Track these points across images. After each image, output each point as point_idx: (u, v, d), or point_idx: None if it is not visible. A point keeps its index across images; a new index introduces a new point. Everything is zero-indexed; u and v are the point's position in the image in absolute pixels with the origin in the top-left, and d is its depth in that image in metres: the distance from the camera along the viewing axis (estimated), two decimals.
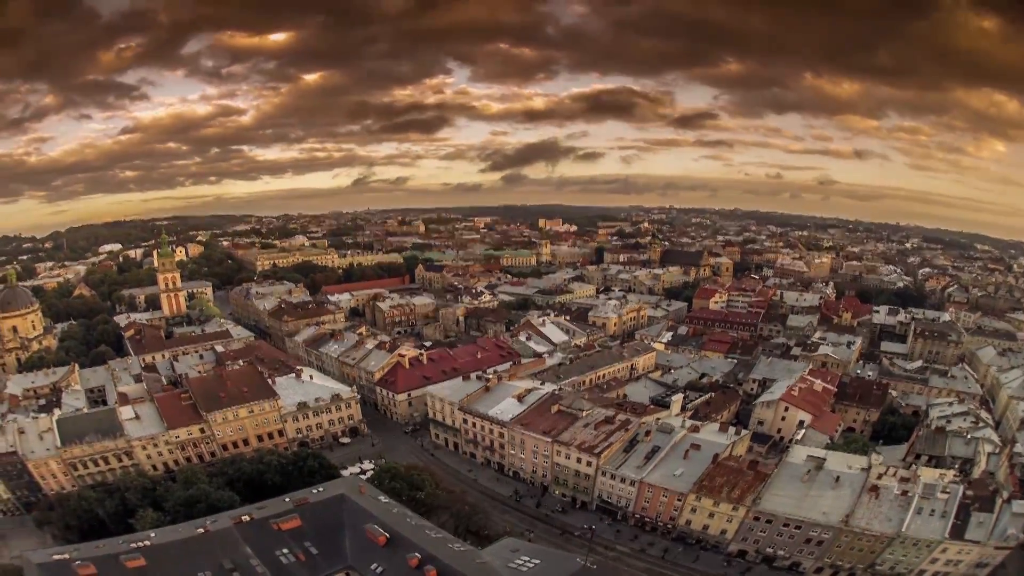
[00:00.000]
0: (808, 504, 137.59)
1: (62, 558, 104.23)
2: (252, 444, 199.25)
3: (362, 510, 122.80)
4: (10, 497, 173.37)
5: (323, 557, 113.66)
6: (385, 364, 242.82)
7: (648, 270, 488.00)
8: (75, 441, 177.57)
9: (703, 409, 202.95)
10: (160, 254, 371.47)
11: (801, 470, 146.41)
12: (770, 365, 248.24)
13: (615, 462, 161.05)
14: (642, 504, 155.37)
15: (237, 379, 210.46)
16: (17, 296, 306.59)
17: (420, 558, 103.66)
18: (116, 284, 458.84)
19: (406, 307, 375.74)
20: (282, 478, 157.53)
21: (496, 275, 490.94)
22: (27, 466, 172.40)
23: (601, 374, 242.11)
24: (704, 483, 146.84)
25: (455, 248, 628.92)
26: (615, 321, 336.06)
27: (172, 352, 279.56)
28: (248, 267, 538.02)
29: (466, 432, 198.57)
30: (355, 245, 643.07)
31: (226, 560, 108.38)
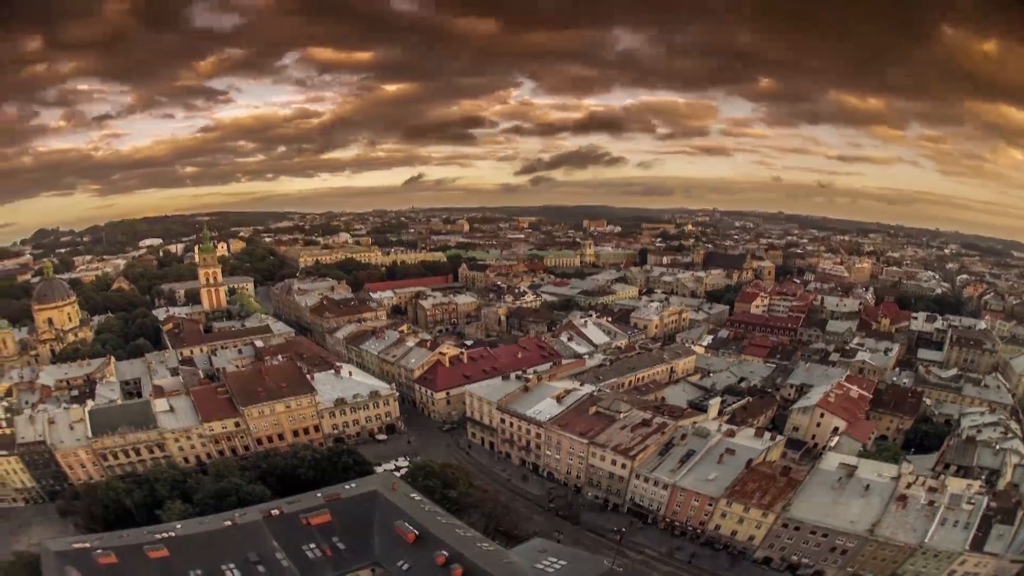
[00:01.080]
0: (836, 512, 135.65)
1: (82, 547, 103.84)
2: (287, 439, 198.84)
3: (393, 507, 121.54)
4: (34, 486, 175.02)
5: (350, 553, 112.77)
6: (425, 362, 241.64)
7: (691, 273, 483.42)
8: (107, 432, 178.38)
9: (740, 414, 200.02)
10: (201, 249, 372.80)
11: (832, 477, 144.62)
12: (808, 370, 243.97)
13: (649, 465, 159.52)
14: (673, 508, 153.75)
15: (275, 374, 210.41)
16: (53, 288, 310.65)
17: (447, 556, 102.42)
18: (156, 278, 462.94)
19: (448, 305, 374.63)
20: (316, 473, 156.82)
21: (539, 275, 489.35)
22: (55, 455, 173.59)
23: (641, 376, 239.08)
24: (736, 488, 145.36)
25: (499, 247, 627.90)
26: (656, 323, 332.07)
27: (210, 346, 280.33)
28: (291, 264, 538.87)
29: (503, 432, 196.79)
30: (399, 243, 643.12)
31: (251, 553, 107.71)
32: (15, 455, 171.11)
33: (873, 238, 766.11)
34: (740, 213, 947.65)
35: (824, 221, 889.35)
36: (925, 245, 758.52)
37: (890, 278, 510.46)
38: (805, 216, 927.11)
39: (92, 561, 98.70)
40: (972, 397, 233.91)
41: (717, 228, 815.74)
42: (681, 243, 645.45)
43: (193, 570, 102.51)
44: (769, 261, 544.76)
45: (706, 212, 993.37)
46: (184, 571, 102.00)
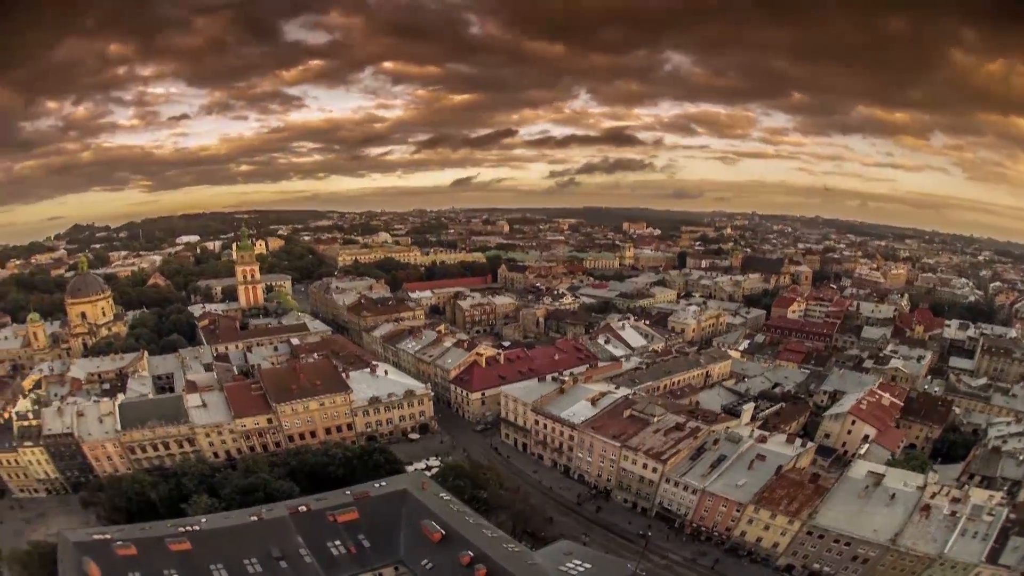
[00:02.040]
0: (861, 521, 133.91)
1: (102, 538, 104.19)
2: (319, 436, 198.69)
3: (422, 506, 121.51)
4: (57, 477, 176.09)
5: (375, 551, 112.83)
6: (462, 362, 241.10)
7: (729, 276, 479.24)
8: (136, 426, 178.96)
9: (772, 420, 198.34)
10: (239, 247, 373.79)
11: (860, 485, 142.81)
12: (842, 377, 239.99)
13: (680, 469, 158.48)
14: (701, 513, 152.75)
15: (310, 372, 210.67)
16: (88, 283, 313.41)
17: (472, 556, 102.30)
18: (192, 275, 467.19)
19: (487, 306, 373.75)
20: (346, 471, 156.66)
21: (578, 277, 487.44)
22: (82, 448, 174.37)
23: (676, 380, 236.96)
24: (764, 495, 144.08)
25: (539, 249, 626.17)
26: (694, 327, 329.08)
27: (246, 343, 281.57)
28: (329, 262, 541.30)
29: (536, 433, 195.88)
30: (439, 243, 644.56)
31: (275, 549, 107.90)
32: (40, 446, 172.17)
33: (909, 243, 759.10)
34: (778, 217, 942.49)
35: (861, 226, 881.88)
36: (959, 251, 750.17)
37: (925, 284, 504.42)
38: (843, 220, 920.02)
39: (111, 552, 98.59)
40: (1000, 407, 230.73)
41: (756, 232, 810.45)
42: (720, 247, 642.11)
43: (214, 564, 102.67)
44: (806, 266, 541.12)
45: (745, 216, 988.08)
46: (205, 565, 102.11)
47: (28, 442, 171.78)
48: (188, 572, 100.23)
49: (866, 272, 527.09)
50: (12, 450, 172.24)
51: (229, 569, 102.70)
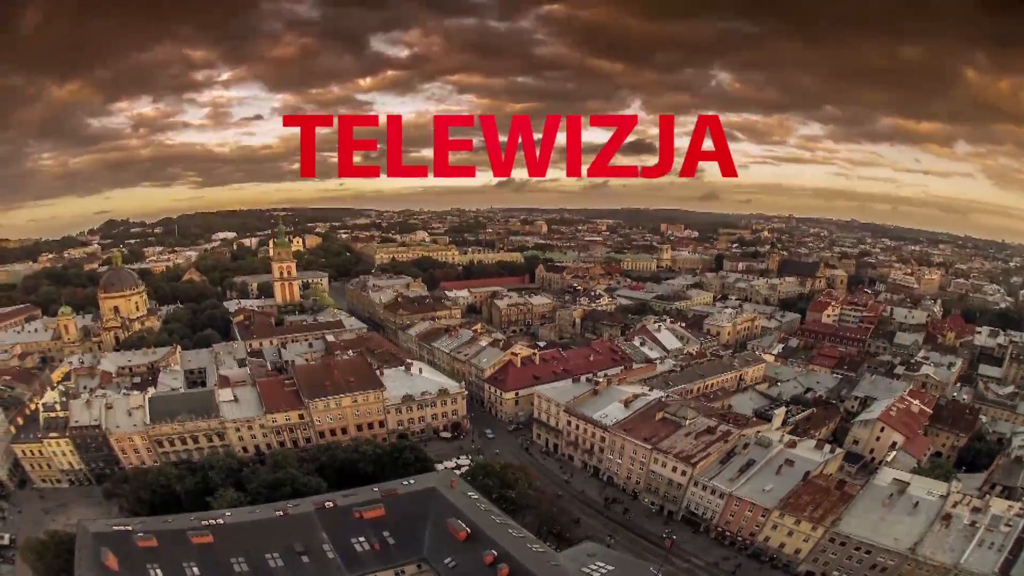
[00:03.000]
0: (883, 529, 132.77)
1: (123, 529, 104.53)
2: (351, 433, 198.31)
3: (449, 504, 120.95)
4: (82, 468, 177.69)
5: (398, 548, 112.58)
6: (497, 362, 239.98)
7: (765, 279, 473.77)
8: (165, 419, 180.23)
9: (803, 425, 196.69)
10: (276, 243, 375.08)
11: (884, 493, 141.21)
12: (873, 383, 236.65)
13: (709, 473, 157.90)
14: (727, 517, 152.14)
15: (344, 369, 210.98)
16: (121, 277, 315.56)
17: (495, 555, 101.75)
18: (228, 271, 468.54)
19: (524, 306, 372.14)
20: (375, 468, 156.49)
21: (616, 278, 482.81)
22: (108, 440, 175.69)
23: (709, 383, 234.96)
24: (790, 500, 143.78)
25: (577, 249, 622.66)
26: (729, 330, 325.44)
27: (281, 339, 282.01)
28: (366, 260, 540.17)
29: (568, 434, 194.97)
30: (476, 242, 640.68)
31: (298, 544, 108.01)
32: (66, 438, 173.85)
33: (942, 249, 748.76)
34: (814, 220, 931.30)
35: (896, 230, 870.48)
36: (991, 257, 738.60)
37: (957, 290, 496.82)
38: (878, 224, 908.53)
39: (131, 544, 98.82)
40: None
41: (792, 235, 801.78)
42: (757, 249, 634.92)
43: (236, 558, 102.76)
44: (842, 270, 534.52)
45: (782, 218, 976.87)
46: (226, 558, 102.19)
47: (54, 433, 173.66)
48: (208, 565, 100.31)
49: (900, 277, 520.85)
50: (37, 441, 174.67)
51: (250, 563, 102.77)
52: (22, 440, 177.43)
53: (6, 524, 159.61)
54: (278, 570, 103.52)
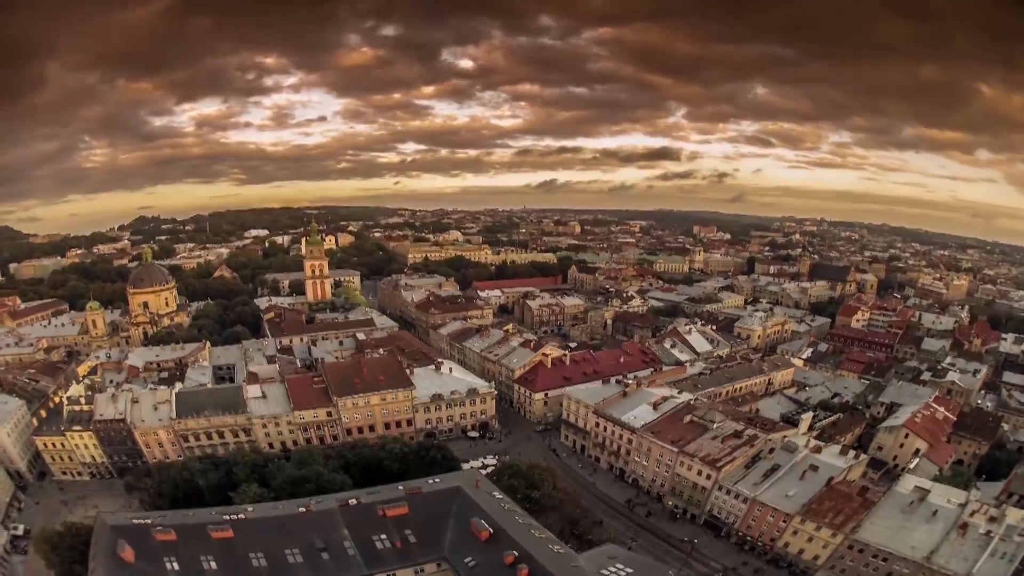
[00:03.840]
0: (901, 537, 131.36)
1: (142, 522, 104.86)
2: (378, 431, 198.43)
3: (473, 504, 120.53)
4: (104, 461, 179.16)
5: (420, 546, 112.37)
6: (527, 362, 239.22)
7: (796, 283, 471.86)
8: (192, 414, 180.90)
9: (829, 430, 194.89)
10: (309, 241, 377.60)
11: (905, 500, 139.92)
12: (899, 389, 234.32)
13: (733, 477, 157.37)
14: (748, 522, 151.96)
15: (374, 367, 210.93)
16: (152, 273, 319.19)
17: (516, 556, 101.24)
18: (260, 268, 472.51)
19: (555, 307, 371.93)
20: (401, 466, 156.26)
21: (648, 280, 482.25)
22: (133, 433, 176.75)
23: (738, 387, 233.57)
24: (812, 506, 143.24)
25: (609, 251, 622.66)
26: (759, 334, 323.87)
27: (311, 337, 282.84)
28: (399, 259, 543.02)
29: (596, 435, 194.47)
30: (510, 243, 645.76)
31: (319, 540, 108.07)
32: (89, 431, 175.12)
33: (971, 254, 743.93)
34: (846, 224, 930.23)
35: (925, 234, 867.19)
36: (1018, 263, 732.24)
37: (984, 296, 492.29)
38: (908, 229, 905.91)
39: (149, 537, 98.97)
40: None
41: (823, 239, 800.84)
42: (788, 252, 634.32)
43: (255, 553, 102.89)
44: (872, 274, 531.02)
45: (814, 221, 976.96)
46: (245, 553, 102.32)
47: (77, 426, 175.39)
48: (227, 560, 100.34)
49: (929, 282, 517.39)
50: (60, 433, 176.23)
51: (269, 558, 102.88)
52: (44, 432, 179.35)
53: (21, 515, 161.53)
54: (297, 566, 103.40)
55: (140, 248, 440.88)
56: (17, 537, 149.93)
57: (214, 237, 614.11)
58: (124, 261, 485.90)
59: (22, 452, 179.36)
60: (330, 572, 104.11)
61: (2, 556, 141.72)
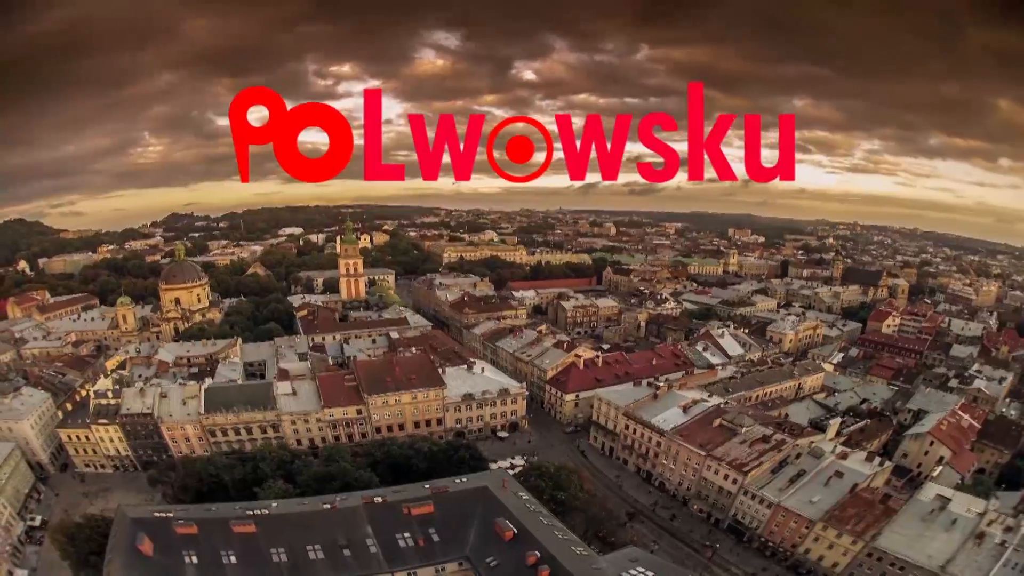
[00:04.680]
0: (919, 545, 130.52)
1: (163, 516, 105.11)
2: (408, 429, 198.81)
3: (498, 504, 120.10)
4: (128, 454, 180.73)
5: (442, 545, 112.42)
6: (560, 363, 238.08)
7: (829, 287, 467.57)
8: (220, 409, 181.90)
9: (856, 436, 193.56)
10: (344, 240, 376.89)
11: (926, 509, 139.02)
12: (927, 396, 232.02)
13: (759, 482, 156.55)
14: (772, 528, 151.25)
15: (406, 365, 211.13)
16: (184, 270, 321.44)
17: (538, 557, 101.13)
18: (294, 266, 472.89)
19: (589, 308, 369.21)
20: (428, 465, 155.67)
21: (682, 282, 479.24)
22: (160, 428, 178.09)
23: (768, 391, 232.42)
24: (835, 512, 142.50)
25: (644, 252, 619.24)
26: (791, 338, 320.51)
27: (344, 335, 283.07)
28: (434, 258, 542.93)
29: (625, 437, 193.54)
30: (545, 243, 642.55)
31: (341, 537, 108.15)
32: (115, 424, 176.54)
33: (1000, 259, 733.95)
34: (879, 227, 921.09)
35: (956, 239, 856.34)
36: None
37: (1013, 302, 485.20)
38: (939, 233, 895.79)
39: (169, 530, 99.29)
40: None
41: (856, 242, 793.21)
42: (822, 256, 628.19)
43: (276, 548, 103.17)
44: (903, 279, 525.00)
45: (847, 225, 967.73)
46: (266, 548, 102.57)
47: (103, 420, 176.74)
48: (248, 554, 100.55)
49: (959, 288, 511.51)
50: (85, 426, 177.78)
51: (290, 554, 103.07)
52: (69, 425, 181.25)
53: (40, 506, 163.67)
54: (317, 562, 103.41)
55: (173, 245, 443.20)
56: (33, 528, 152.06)
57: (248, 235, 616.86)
58: (156, 257, 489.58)
59: (45, 444, 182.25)
60: (351, 569, 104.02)
61: (15, 546, 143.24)
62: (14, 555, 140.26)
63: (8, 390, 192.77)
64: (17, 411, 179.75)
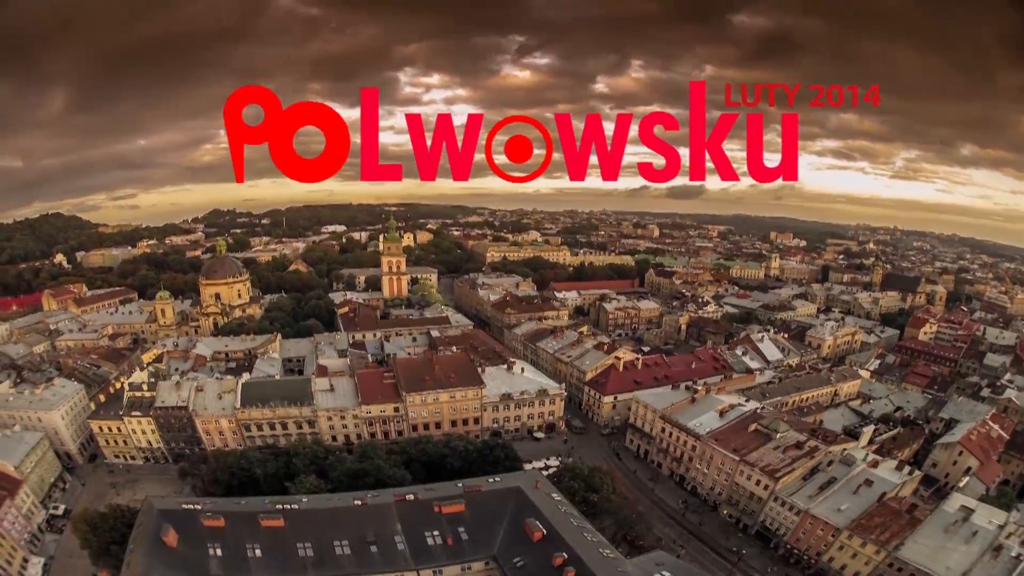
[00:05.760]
0: (939, 557, 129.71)
1: (191, 508, 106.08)
2: (444, 428, 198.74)
3: (530, 504, 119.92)
4: (159, 447, 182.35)
5: (471, 544, 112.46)
6: (599, 365, 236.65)
7: (868, 293, 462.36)
8: (256, 404, 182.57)
9: (888, 444, 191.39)
10: (387, 238, 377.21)
11: (949, 519, 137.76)
12: (959, 405, 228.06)
13: (790, 488, 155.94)
14: (798, 535, 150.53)
15: (446, 364, 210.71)
16: (224, 265, 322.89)
17: (565, 558, 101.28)
18: (336, 263, 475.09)
19: (631, 310, 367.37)
20: (463, 464, 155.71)
21: (724, 285, 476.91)
22: (194, 421, 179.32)
23: (804, 397, 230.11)
24: (862, 521, 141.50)
25: (687, 255, 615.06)
26: (830, 343, 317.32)
27: (384, 332, 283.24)
28: (478, 258, 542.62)
29: (661, 440, 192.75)
30: (588, 244, 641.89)
31: (369, 533, 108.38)
32: (148, 416, 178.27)
33: None
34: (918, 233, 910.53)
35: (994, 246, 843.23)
36: None
37: None
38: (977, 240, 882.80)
39: (196, 522, 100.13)
40: None
41: (896, 248, 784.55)
42: (862, 261, 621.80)
43: (303, 542, 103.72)
44: (941, 286, 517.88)
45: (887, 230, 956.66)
46: (293, 543, 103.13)
47: (137, 412, 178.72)
48: (273, 548, 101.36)
49: (995, 296, 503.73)
50: (117, 418, 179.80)
51: (317, 548, 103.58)
52: (101, 416, 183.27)
53: (64, 495, 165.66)
54: (343, 557, 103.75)
55: (214, 240, 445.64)
56: (55, 516, 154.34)
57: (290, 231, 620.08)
58: (197, 253, 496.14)
59: (75, 434, 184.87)
60: (376, 565, 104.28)
61: (34, 534, 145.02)
62: (32, 543, 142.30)
63: (40, 380, 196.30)
64: (48, 401, 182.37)
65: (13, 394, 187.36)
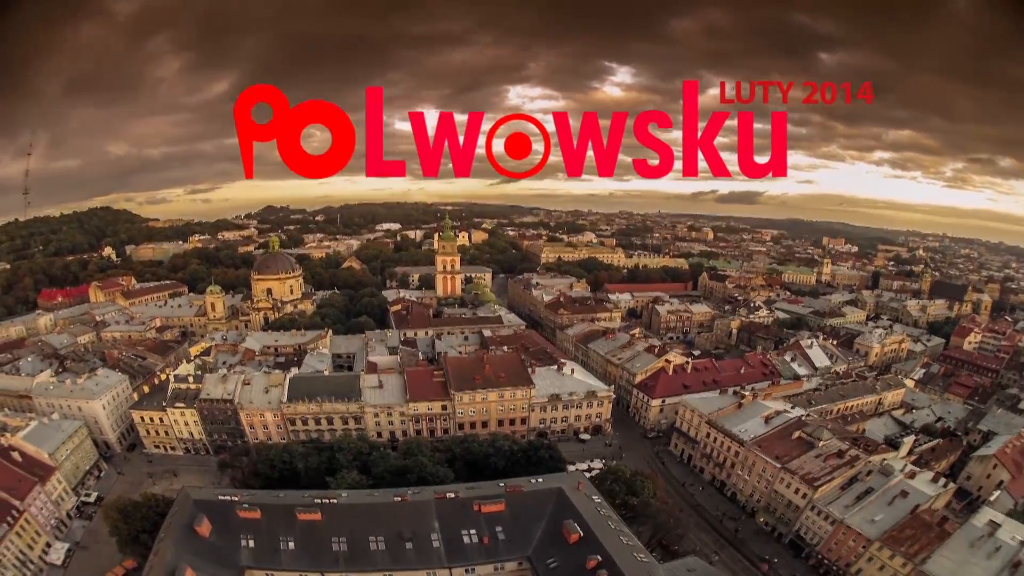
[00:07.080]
0: (963, 571, 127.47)
1: (226, 499, 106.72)
2: (491, 427, 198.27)
3: (570, 506, 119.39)
4: (201, 438, 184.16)
5: (507, 544, 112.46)
6: (649, 367, 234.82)
7: (917, 300, 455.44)
8: (303, 399, 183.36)
9: (926, 455, 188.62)
10: (442, 237, 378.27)
11: (976, 534, 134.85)
12: (997, 417, 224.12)
13: (827, 498, 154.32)
14: (830, 545, 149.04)
15: (497, 364, 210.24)
16: (277, 261, 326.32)
17: (599, 560, 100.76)
18: (390, 261, 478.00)
19: (683, 313, 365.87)
20: (507, 464, 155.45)
21: (776, 290, 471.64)
22: (238, 413, 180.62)
23: (849, 405, 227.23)
24: (893, 533, 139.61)
25: (740, 259, 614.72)
26: (877, 351, 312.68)
27: (436, 331, 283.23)
28: (532, 258, 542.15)
29: (705, 446, 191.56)
30: (643, 246, 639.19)
31: (406, 530, 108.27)
32: (192, 408, 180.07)
33: None
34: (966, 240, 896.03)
35: None
36: None
37: None
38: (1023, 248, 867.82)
39: (231, 514, 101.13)
40: None
41: (944, 255, 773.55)
42: (911, 268, 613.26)
43: (337, 537, 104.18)
44: (987, 295, 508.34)
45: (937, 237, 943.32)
46: (328, 537, 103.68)
47: (180, 403, 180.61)
48: (307, 542, 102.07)
49: None
50: (160, 409, 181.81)
51: (351, 543, 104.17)
52: (143, 407, 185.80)
53: (98, 483, 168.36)
54: (377, 553, 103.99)
55: (267, 236, 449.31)
56: (86, 503, 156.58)
57: (345, 229, 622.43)
58: (249, 248, 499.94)
59: (115, 424, 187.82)
60: (409, 562, 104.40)
61: (62, 520, 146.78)
62: (59, 528, 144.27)
63: (83, 370, 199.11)
64: (90, 391, 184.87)
65: (54, 383, 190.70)
